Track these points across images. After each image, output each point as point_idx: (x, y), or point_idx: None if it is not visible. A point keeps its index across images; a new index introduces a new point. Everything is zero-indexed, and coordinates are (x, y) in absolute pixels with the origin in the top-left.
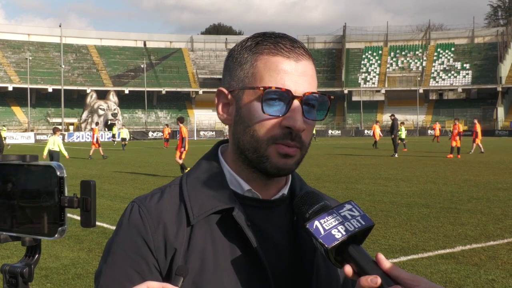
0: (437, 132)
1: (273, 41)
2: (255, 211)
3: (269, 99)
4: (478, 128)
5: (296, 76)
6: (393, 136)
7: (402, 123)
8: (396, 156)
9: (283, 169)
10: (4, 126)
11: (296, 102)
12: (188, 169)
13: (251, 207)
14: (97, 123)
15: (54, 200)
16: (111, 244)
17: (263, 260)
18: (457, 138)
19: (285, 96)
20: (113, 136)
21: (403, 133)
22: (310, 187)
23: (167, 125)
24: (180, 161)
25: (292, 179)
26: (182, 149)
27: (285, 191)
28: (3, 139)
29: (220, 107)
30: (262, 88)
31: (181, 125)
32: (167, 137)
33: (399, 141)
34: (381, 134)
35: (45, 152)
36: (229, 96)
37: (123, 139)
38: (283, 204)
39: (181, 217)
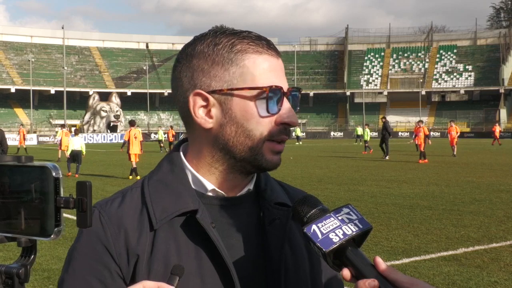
0: (497, 135)
1: (251, 39)
2: (221, 210)
3: (263, 98)
4: (455, 130)
5: (280, 72)
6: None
7: (367, 125)
8: (388, 158)
9: (277, 165)
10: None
11: (285, 99)
12: (131, 177)
13: (217, 206)
14: (171, 127)
15: (50, 200)
16: (72, 251)
17: (227, 261)
18: (423, 141)
19: (277, 93)
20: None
21: (368, 135)
22: (274, 179)
23: (171, 127)
24: (134, 165)
25: (258, 174)
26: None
27: (251, 186)
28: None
29: (196, 109)
30: (267, 87)
31: (131, 127)
32: (172, 140)
33: (364, 143)
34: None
35: (68, 152)
36: (210, 98)
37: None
38: (249, 200)
39: (143, 221)
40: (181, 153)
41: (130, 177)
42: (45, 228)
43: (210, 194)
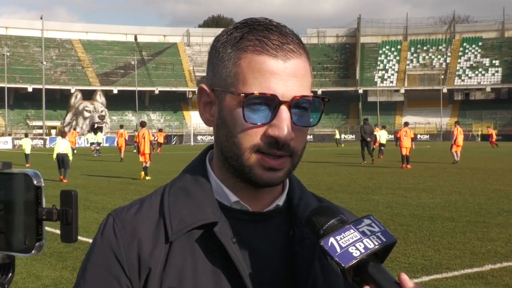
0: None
1: (259, 36)
2: (244, 225)
3: (252, 104)
4: (457, 132)
5: (284, 77)
6: (369, 140)
7: (384, 126)
8: (364, 164)
9: (269, 183)
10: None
11: (283, 108)
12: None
13: (240, 220)
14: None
15: (31, 212)
16: (86, 261)
17: (246, 281)
18: (408, 144)
19: (271, 101)
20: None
21: (383, 138)
22: (312, 194)
23: (160, 130)
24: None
25: (290, 186)
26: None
27: (280, 202)
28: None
29: (201, 105)
30: (243, 94)
31: (141, 128)
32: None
33: (380, 146)
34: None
35: (54, 155)
36: (211, 95)
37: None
38: (278, 216)
39: (159, 232)
40: (207, 158)
41: (148, 177)
42: (25, 243)
43: (234, 206)
